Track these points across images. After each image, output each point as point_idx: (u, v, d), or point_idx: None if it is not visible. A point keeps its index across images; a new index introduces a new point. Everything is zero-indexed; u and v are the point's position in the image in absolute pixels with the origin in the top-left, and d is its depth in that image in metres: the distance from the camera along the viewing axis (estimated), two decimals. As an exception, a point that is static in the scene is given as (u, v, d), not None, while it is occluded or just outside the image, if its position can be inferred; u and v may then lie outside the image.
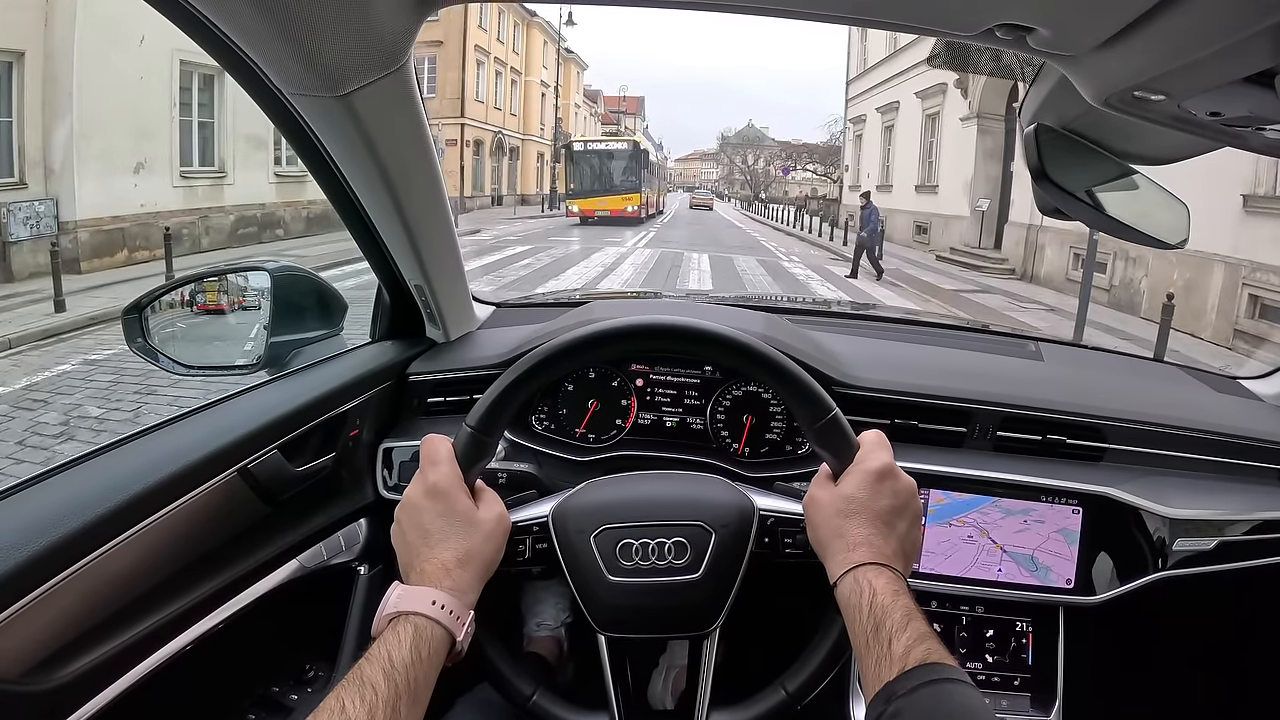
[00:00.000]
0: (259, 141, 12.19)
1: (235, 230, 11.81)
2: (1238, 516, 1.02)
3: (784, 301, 2.17)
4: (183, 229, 10.69)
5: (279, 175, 12.78)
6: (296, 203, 13.27)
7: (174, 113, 10.64)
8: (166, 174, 10.56)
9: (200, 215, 11.15)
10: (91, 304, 7.05)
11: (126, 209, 9.71)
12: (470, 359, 1.12)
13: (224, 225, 11.63)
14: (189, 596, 0.78)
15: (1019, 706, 1.06)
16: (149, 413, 4.39)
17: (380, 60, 0.68)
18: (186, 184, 10.98)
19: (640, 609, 0.73)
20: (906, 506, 0.69)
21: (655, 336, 0.76)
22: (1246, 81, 0.50)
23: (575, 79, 43.05)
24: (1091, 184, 0.78)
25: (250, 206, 12.19)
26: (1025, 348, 1.39)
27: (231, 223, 11.80)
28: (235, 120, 11.68)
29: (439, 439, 0.71)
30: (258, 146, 12.18)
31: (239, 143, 11.84)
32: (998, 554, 1.01)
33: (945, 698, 0.55)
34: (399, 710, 0.55)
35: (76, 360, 5.58)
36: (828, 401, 0.72)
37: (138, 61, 9.35)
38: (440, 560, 0.65)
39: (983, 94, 14.30)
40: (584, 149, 24.32)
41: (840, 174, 28.30)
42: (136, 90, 9.60)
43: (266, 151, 12.39)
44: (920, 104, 17.82)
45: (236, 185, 11.87)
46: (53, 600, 0.64)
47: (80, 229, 9.07)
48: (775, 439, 1.06)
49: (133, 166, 9.87)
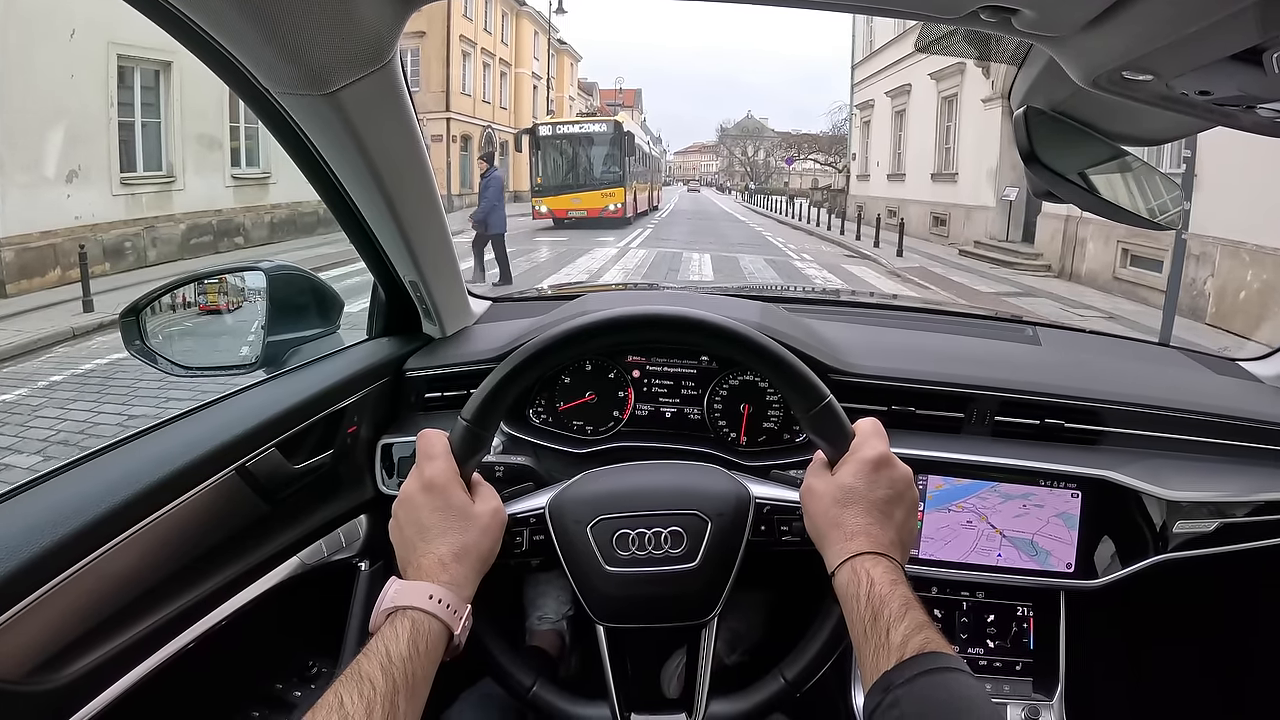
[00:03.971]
0: (212, 141, 11.02)
1: (187, 240, 10.53)
2: (1238, 498, 1.01)
3: (779, 291, 2.03)
4: (125, 241, 9.66)
5: (237, 178, 11.55)
6: (258, 207, 11.95)
7: (111, 113, 9.43)
8: (105, 181, 9.39)
9: (145, 226, 9.95)
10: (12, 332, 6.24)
11: (58, 222, 8.57)
12: (466, 354, 1.12)
13: (173, 235, 10.37)
14: (190, 595, 0.78)
15: (1021, 691, 1.06)
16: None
17: (366, 57, 0.68)
18: (128, 191, 9.76)
19: (637, 599, 0.73)
20: (903, 495, 0.69)
21: (649, 327, 0.76)
22: (1235, 59, 0.49)
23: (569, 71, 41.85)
24: (1083, 166, 0.77)
25: (204, 213, 10.91)
26: (1023, 332, 1.38)
27: (182, 232, 10.50)
28: (185, 119, 10.52)
29: (434, 433, 0.71)
30: (211, 147, 11.00)
31: (190, 143, 10.65)
32: (997, 539, 1.01)
33: (943, 687, 0.55)
34: (397, 704, 0.55)
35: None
36: (821, 389, 0.72)
37: (67, 58, 8.35)
38: (437, 555, 0.65)
39: (1007, 73, 12.90)
40: (552, 133, 19.39)
41: (847, 163, 26.90)
42: (67, 90, 8.56)
43: (222, 152, 11.20)
44: (935, 86, 16.26)
45: (188, 190, 10.59)
46: (55, 600, 0.64)
47: (5, 247, 7.98)
48: (773, 428, 1.06)
49: (64, 175, 8.74)
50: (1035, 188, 0.81)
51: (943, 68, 15.67)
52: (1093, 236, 10.34)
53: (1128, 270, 9.59)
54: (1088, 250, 10.48)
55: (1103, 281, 9.98)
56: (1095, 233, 10.25)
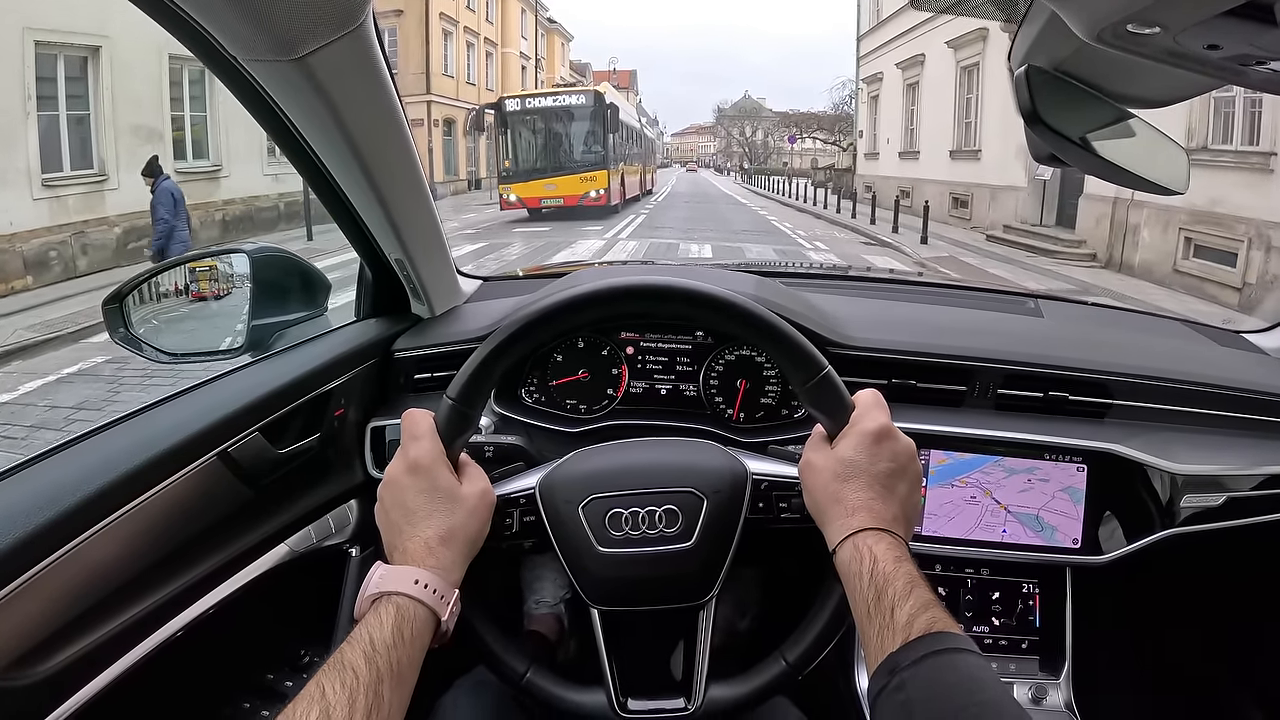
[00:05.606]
0: (151, 133, 9.79)
1: (124, 245, 9.25)
2: (1246, 471, 1.00)
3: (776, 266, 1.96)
4: (50, 251, 8.55)
5: (182, 172, 10.29)
6: (208, 204, 10.69)
7: (29, 107, 8.36)
8: (23, 185, 8.36)
9: (74, 231, 8.86)
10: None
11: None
12: (455, 333, 1.10)
13: (107, 241, 9.17)
14: (174, 584, 0.76)
15: (1027, 669, 1.05)
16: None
17: (336, 20, 0.65)
18: (52, 194, 8.70)
19: (632, 580, 0.71)
20: (906, 469, 0.67)
21: (639, 297, 0.74)
22: (1245, 13, 0.47)
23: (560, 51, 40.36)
24: (1086, 128, 0.74)
25: (143, 214, 9.74)
26: (1025, 304, 1.35)
27: (118, 237, 9.26)
28: (117, 109, 9.35)
29: (420, 413, 0.69)
30: (150, 139, 9.73)
31: (124, 137, 9.46)
32: (1002, 514, 0.99)
33: (951, 668, 0.53)
34: (381, 693, 0.53)
35: None
36: (820, 359, 0.69)
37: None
38: (423, 538, 0.64)
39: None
40: (521, 108, 16.26)
41: (853, 141, 25.44)
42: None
43: (163, 144, 9.97)
44: (953, 55, 14.74)
45: (123, 190, 9.34)
46: (31, 593, 0.62)
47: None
48: (770, 403, 1.04)
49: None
50: (1037, 150, 0.78)
51: (961, 34, 14.26)
52: (1148, 222, 9.08)
53: (1191, 262, 8.43)
54: (1141, 238, 9.21)
55: (1160, 275, 8.77)
56: (1152, 218, 9.01)
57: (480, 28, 26.01)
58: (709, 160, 79.99)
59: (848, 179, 22.29)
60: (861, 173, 21.68)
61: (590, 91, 17.55)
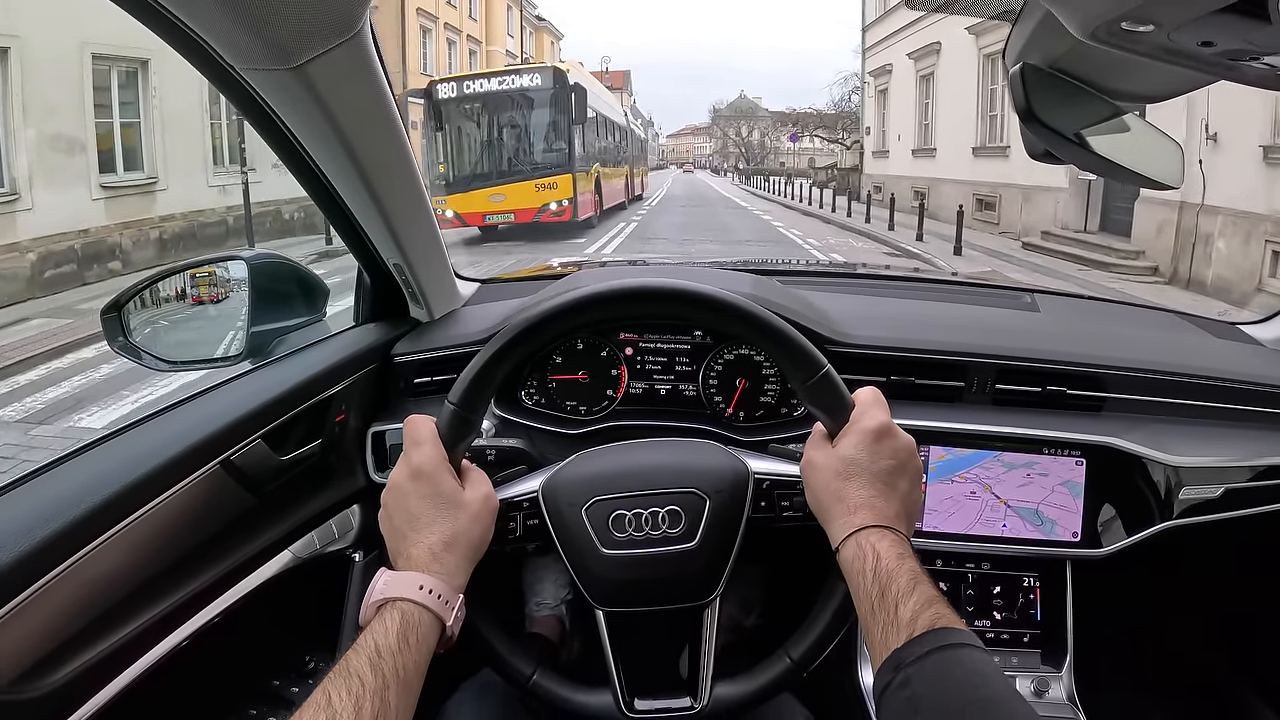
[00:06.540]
0: (72, 143, 8.50)
1: (39, 273, 8.01)
2: (1244, 463, 1.00)
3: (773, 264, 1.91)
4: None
5: (110, 187, 9.02)
6: (142, 221, 9.35)
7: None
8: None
9: (-30, 259, 7.60)
10: None
11: None
12: (455, 336, 1.10)
13: (17, 270, 7.87)
14: (179, 594, 0.77)
15: (1029, 663, 1.06)
16: None
17: (333, 28, 0.66)
18: (-54, 218, 7.45)
19: (636, 581, 0.72)
20: (906, 466, 0.67)
21: (639, 299, 0.75)
22: (1239, 9, 0.46)
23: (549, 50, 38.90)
24: (1081, 124, 0.74)
25: (63, 236, 8.42)
26: (1021, 299, 1.36)
27: (31, 264, 7.98)
28: (29, 118, 8.02)
29: (421, 419, 0.70)
30: (70, 150, 8.47)
31: (40, 149, 8.15)
32: (1002, 509, 1.00)
33: (956, 663, 0.53)
34: (388, 700, 0.54)
35: None
36: (819, 358, 0.70)
37: None
38: (427, 544, 0.64)
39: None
40: (458, 93, 12.24)
41: (859, 139, 24.15)
42: None
43: (85, 156, 8.71)
44: (974, 41, 13.19)
45: (38, 209, 8.13)
46: (37, 606, 0.63)
47: None
48: (770, 402, 1.04)
49: None
50: (1032, 148, 0.78)
51: (984, 19, 13.05)
52: (1223, 232, 7.63)
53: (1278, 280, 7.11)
54: (1215, 249, 7.81)
55: (1240, 294, 7.29)
56: (1228, 227, 7.58)
57: (462, 24, 24.44)
58: (705, 161, 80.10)
59: (853, 178, 21.03)
60: (869, 172, 20.41)
61: (547, 70, 12.91)
